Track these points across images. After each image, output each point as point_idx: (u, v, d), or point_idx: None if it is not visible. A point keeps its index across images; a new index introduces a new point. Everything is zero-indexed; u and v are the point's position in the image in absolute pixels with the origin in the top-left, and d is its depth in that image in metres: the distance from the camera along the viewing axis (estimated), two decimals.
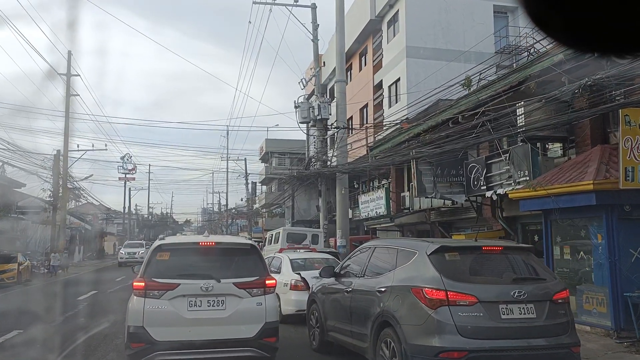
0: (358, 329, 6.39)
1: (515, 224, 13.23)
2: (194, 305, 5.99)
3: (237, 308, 6.06)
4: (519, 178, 10.78)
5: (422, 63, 23.07)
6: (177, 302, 5.94)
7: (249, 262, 6.51)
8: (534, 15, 1.07)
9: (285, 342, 7.82)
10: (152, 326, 5.81)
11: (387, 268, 6.20)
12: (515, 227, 13.19)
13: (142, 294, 5.95)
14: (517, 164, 10.82)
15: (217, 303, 6.05)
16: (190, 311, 5.95)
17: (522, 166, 10.67)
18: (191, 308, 5.97)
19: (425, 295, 5.26)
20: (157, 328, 5.82)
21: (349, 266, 7.42)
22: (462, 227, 15.99)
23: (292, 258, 11.59)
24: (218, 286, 6.04)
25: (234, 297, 6.10)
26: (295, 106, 22.75)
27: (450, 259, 5.64)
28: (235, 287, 6.12)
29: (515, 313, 5.26)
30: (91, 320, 10.86)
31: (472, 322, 5.10)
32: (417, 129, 15.03)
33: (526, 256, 5.98)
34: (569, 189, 8.62)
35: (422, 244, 5.91)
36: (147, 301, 5.90)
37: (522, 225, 13.18)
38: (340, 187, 20.37)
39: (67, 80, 33.55)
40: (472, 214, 14.32)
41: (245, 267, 6.42)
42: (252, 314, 6.09)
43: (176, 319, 5.88)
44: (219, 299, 6.06)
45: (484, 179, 12.19)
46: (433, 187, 13.06)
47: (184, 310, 5.93)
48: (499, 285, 5.54)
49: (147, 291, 5.94)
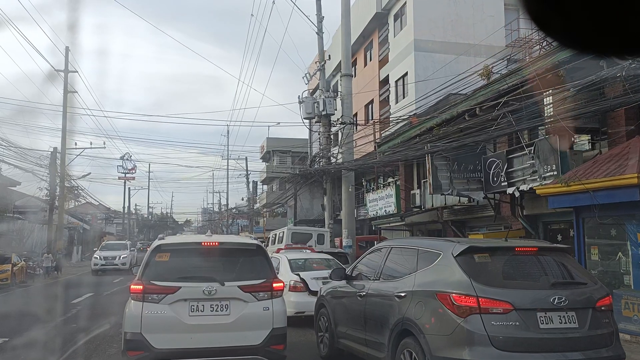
0: (374, 337, 5.85)
1: (536, 223, 12.46)
2: (196, 310, 5.59)
3: (243, 313, 5.66)
4: (545, 173, 10.00)
5: (431, 57, 22.31)
6: (178, 306, 5.53)
7: (255, 263, 6.09)
8: (534, 16, 1.07)
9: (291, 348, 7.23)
10: (151, 333, 5.41)
11: (406, 271, 5.65)
12: (536, 226, 12.42)
13: (140, 297, 5.53)
14: (543, 158, 10.03)
15: (221, 308, 5.64)
16: (191, 316, 5.56)
17: (549, 160, 9.89)
18: (193, 313, 5.57)
19: (454, 301, 4.72)
20: (156, 335, 5.42)
21: (361, 268, 6.86)
22: (477, 226, 15.21)
23: (291, 258, 11.10)
24: (222, 289, 5.64)
25: (238, 301, 5.70)
26: (299, 101, 21.98)
27: (480, 260, 5.06)
28: (241, 291, 5.70)
29: (555, 322, 4.69)
30: (83, 326, 10.06)
31: (507, 333, 4.56)
32: (430, 123, 14.25)
33: (563, 257, 5.38)
34: (608, 183, 7.83)
35: (446, 244, 5.36)
36: (145, 306, 5.48)
37: (544, 224, 12.41)
38: (347, 184, 19.60)
39: (64, 76, 32.90)
40: (489, 212, 13.54)
41: (251, 269, 6.02)
42: (258, 320, 5.68)
43: (177, 324, 5.47)
44: (223, 304, 5.65)
45: (504, 174, 11.40)
46: (449, 183, 12.26)
47: (185, 316, 5.53)
48: (536, 290, 4.96)
49: (146, 295, 5.52)
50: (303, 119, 22.71)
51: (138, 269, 6.04)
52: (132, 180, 56.01)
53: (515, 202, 12.36)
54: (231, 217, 58.29)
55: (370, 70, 27.54)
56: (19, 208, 33.26)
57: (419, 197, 16.74)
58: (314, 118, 21.87)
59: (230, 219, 58.35)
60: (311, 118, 21.93)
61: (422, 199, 16.14)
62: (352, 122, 20.47)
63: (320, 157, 21.91)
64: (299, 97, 22.27)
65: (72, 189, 35.52)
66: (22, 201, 34.48)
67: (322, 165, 20.98)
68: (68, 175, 31.78)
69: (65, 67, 32.78)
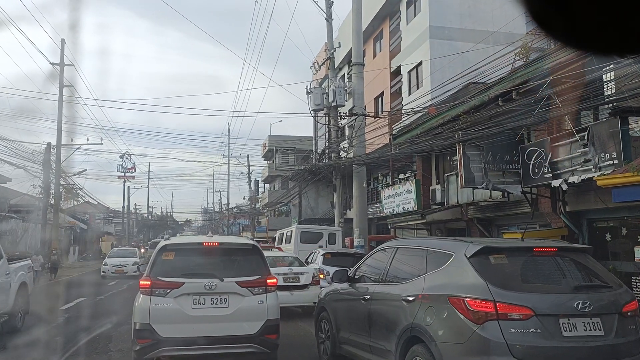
0: (379, 344, 5.55)
1: (579, 221, 11.11)
2: (198, 303, 6.13)
3: (240, 306, 6.22)
4: (603, 162, 8.65)
5: (447, 45, 20.95)
6: (182, 300, 6.09)
7: (251, 261, 6.63)
8: (536, 15, 1.07)
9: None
10: (158, 323, 5.95)
11: (414, 273, 5.34)
12: (579, 224, 11.07)
13: (149, 292, 6.07)
14: (599, 145, 8.68)
15: (220, 301, 6.20)
16: (194, 309, 6.10)
17: (608, 147, 8.54)
18: (195, 306, 6.12)
19: (468, 306, 4.40)
20: (163, 325, 5.95)
21: (365, 270, 6.57)
22: (506, 224, 13.86)
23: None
24: (221, 285, 6.19)
25: (236, 295, 6.25)
26: (307, 92, 20.66)
27: (496, 262, 4.72)
28: (238, 286, 6.26)
29: (579, 329, 4.34)
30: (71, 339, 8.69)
31: (527, 341, 4.22)
32: (456, 110, 12.90)
33: (584, 259, 5.01)
34: None
35: (459, 245, 5.03)
36: (153, 299, 6.03)
37: (589, 221, 11.06)
38: (359, 180, 18.26)
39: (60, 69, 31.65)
40: (524, 209, 12.18)
41: (247, 267, 6.54)
42: (253, 312, 6.23)
43: (181, 316, 6.02)
44: (222, 297, 6.21)
45: (548, 165, 10.05)
46: (483, 176, 10.91)
47: (188, 308, 6.08)
48: (558, 294, 4.60)
49: (153, 289, 6.07)
50: (311, 110, 21.41)
51: (145, 266, 6.64)
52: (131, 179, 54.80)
53: (557, 196, 11.01)
54: (232, 217, 56.90)
55: (381, 62, 26.17)
56: (14, 207, 32.04)
57: (439, 193, 15.37)
58: (323, 110, 20.55)
59: (231, 218, 56.96)
60: (320, 109, 20.61)
61: (444, 194, 14.77)
62: (364, 114, 19.15)
63: (329, 151, 20.59)
64: (307, 88, 20.97)
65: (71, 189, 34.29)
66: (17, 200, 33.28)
67: (332, 159, 19.64)
68: (63, 172, 30.46)
69: (60, 59, 31.59)
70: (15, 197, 33.49)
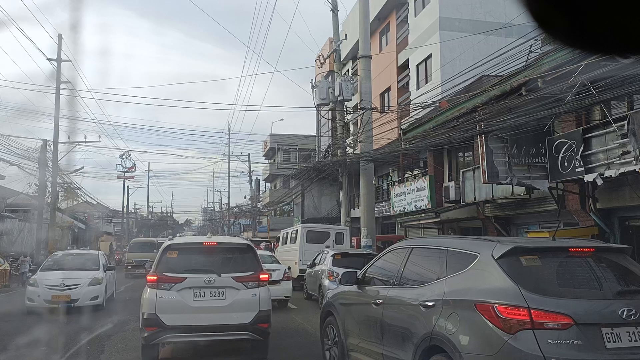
0: (393, 353, 5.11)
1: (610, 219, 10.31)
2: (199, 296, 6.81)
3: (235, 298, 6.89)
4: None
5: (458, 37, 20.13)
6: (184, 293, 6.77)
7: (246, 259, 7.28)
8: (536, 16, 1.06)
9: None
10: (163, 313, 6.61)
11: (433, 275, 4.88)
12: (610, 223, 10.27)
13: (155, 286, 6.74)
14: None
15: (218, 294, 6.88)
16: (195, 301, 6.78)
17: None
18: (196, 298, 6.80)
19: (499, 314, 3.96)
20: (167, 315, 6.61)
21: (375, 272, 6.11)
22: (526, 223, 13.05)
23: None
24: (219, 280, 6.87)
25: (232, 289, 6.92)
26: (312, 86, 19.88)
27: (528, 264, 4.25)
28: (234, 281, 6.93)
29: (624, 340, 3.85)
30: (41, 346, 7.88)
31: (566, 354, 3.74)
32: (472, 102, 12.09)
33: (623, 260, 4.53)
34: None
35: (484, 244, 4.58)
36: (159, 292, 6.69)
37: (620, 220, 10.27)
38: (367, 178, 17.46)
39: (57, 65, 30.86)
40: (548, 206, 11.37)
41: (242, 264, 7.19)
42: (248, 304, 6.90)
43: (183, 307, 6.68)
44: (220, 291, 6.89)
45: (580, 157, 9.24)
46: (507, 170, 10.09)
47: (190, 300, 6.76)
48: (599, 300, 4.09)
49: (159, 283, 6.74)
50: (316, 105, 20.63)
51: (151, 264, 7.47)
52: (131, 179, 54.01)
53: (587, 192, 10.20)
54: (233, 217, 56.03)
55: (387, 56, 25.35)
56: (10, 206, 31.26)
57: (453, 190, 14.54)
58: (329, 104, 19.76)
59: (232, 218, 56.10)
60: (326, 104, 19.82)
61: (458, 191, 13.95)
62: (372, 108, 18.34)
63: (335, 147, 19.78)
64: (312, 82, 20.20)
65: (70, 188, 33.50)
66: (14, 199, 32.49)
67: (338, 155, 18.82)
68: (60, 170, 29.63)
69: (57, 55, 30.77)
70: (12, 196, 32.72)
